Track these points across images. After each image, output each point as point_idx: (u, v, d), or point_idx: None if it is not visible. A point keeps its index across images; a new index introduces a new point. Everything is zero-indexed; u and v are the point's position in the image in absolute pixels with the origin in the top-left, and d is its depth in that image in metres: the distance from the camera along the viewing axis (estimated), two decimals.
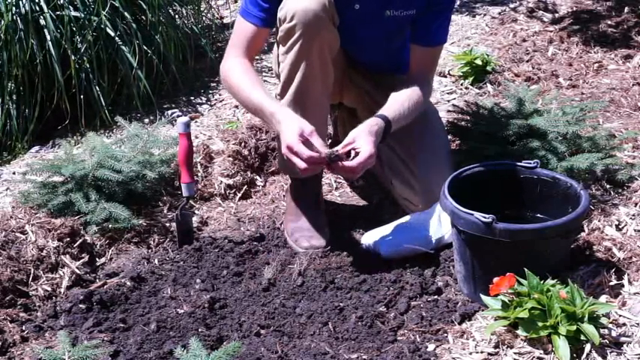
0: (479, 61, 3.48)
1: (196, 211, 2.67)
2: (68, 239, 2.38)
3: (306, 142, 2.09)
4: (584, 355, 1.82)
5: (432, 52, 2.44)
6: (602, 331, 1.85)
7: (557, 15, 4.19)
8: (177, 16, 3.86)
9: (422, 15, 2.35)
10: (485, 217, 1.95)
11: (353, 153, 2.11)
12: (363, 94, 2.60)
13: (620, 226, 2.31)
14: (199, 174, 2.79)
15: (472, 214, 1.98)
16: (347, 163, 2.09)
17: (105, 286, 2.25)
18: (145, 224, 2.52)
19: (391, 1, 2.33)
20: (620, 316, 1.95)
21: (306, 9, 2.19)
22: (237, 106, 3.42)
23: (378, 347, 1.95)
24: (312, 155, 2.07)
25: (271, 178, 2.88)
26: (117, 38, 3.38)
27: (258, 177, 2.88)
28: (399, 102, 2.29)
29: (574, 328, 1.81)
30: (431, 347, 1.95)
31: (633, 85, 3.35)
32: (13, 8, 3.23)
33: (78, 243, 2.39)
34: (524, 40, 3.84)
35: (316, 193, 2.52)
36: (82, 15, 3.33)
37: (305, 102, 2.31)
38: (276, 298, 2.17)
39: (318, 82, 2.30)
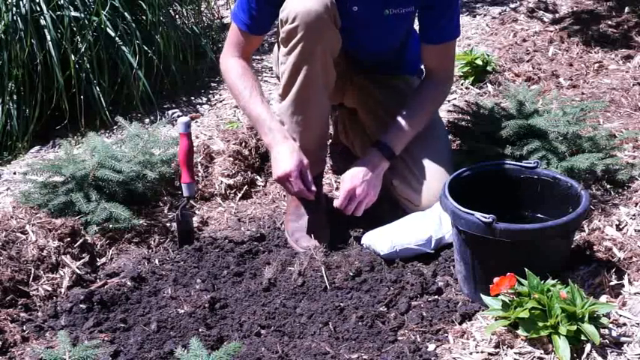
0: (479, 61, 3.48)
1: (197, 211, 2.67)
2: (69, 239, 2.38)
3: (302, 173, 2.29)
4: (585, 355, 1.82)
5: (446, 47, 2.42)
6: (602, 331, 1.85)
7: (557, 15, 4.19)
8: (177, 16, 3.87)
9: (427, 13, 2.34)
10: (485, 218, 1.95)
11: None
12: (363, 95, 2.60)
13: (621, 226, 2.31)
14: (200, 174, 2.79)
15: (472, 215, 1.98)
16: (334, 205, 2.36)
17: (105, 286, 2.25)
18: (145, 224, 2.53)
19: None
20: (620, 316, 1.95)
21: (308, 10, 2.17)
22: (237, 106, 3.42)
23: (378, 347, 1.95)
24: (302, 189, 2.29)
25: (272, 178, 2.87)
26: (117, 38, 3.38)
27: (258, 177, 2.88)
28: (408, 116, 2.39)
29: (574, 328, 1.81)
30: (431, 347, 1.95)
31: (633, 85, 3.35)
32: (14, 8, 3.23)
33: (78, 243, 2.39)
34: (524, 40, 3.84)
35: (317, 193, 2.52)
36: (82, 15, 3.32)
37: (306, 104, 2.31)
38: (276, 298, 2.17)
39: (319, 84, 2.30)
